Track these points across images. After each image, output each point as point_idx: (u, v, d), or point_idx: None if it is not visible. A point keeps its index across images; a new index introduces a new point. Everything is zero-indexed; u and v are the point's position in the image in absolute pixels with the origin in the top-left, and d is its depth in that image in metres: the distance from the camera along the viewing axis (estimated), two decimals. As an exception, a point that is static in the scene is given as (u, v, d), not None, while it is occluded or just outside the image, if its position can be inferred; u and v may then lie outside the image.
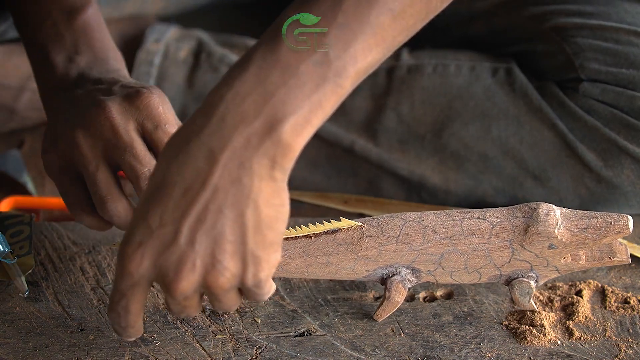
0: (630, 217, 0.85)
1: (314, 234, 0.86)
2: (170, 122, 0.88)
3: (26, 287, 0.91)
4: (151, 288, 0.84)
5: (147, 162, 0.86)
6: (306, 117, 0.72)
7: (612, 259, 0.88)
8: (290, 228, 0.86)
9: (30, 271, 0.92)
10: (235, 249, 0.73)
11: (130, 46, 1.18)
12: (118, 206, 0.86)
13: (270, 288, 0.77)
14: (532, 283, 0.88)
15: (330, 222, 0.86)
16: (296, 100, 0.72)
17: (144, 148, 0.87)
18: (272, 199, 0.73)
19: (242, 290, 0.76)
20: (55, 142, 0.88)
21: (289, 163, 0.73)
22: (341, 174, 1.12)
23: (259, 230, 0.73)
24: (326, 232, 0.86)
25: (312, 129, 0.73)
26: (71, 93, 0.90)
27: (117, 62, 0.94)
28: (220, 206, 0.72)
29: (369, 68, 0.75)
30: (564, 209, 0.86)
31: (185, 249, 0.73)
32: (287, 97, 0.72)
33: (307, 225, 0.86)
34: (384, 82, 1.12)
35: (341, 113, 1.11)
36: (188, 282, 0.73)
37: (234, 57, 1.16)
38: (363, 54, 0.73)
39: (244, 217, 0.72)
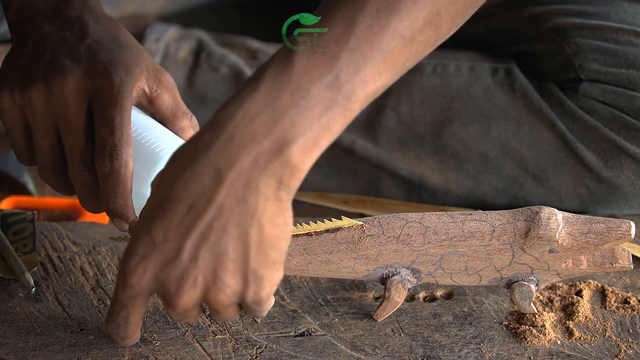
0: (632, 223, 0.85)
1: (315, 232, 0.86)
2: (116, 106, 0.86)
3: (32, 283, 0.91)
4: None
5: (83, 149, 0.86)
6: (314, 139, 0.72)
7: (614, 265, 0.87)
8: (291, 226, 0.86)
9: (34, 269, 0.92)
10: (237, 267, 0.73)
11: (131, 46, 1.17)
12: (57, 178, 0.88)
13: (270, 305, 0.77)
14: (533, 287, 0.87)
15: (331, 220, 0.86)
16: (306, 122, 0.72)
17: (86, 135, 0.87)
18: (276, 218, 0.73)
19: (242, 305, 0.77)
20: (12, 87, 0.87)
21: (296, 184, 0.73)
22: (341, 174, 1.12)
23: (261, 249, 0.73)
24: (327, 231, 0.86)
25: (319, 150, 0.73)
26: (37, 27, 0.89)
27: None
28: (225, 224, 0.72)
29: (377, 92, 0.75)
30: (566, 213, 0.86)
31: (188, 265, 0.73)
32: (296, 119, 0.71)
33: (308, 224, 0.86)
34: (384, 82, 1.12)
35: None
36: (189, 297, 0.74)
37: (233, 57, 1.16)
38: (373, 78, 0.73)
39: (247, 236, 0.73)
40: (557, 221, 0.84)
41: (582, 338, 0.88)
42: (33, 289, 0.91)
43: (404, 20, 0.73)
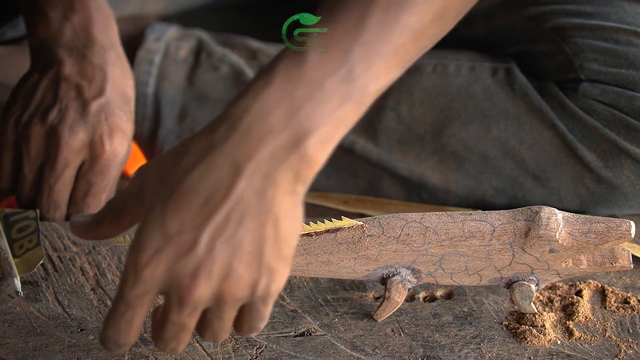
0: (632, 223, 0.85)
1: (315, 232, 0.86)
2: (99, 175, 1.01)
3: (19, 288, 0.90)
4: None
5: (61, 203, 1.02)
6: (330, 132, 0.72)
7: (614, 265, 0.87)
8: (291, 226, 0.86)
9: (41, 262, 0.91)
10: (252, 259, 0.73)
11: (131, 46, 1.17)
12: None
13: (268, 314, 0.76)
14: (533, 287, 0.87)
15: (331, 220, 0.86)
16: (322, 115, 0.72)
17: (66, 193, 1.02)
18: (290, 213, 0.73)
19: (246, 307, 0.76)
20: (20, 114, 1.01)
21: (311, 177, 0.73)
22: (341, 174, 1.12)
23: (276, 243, 0.73)
24: (327, 231, 0.86)
25: (334, 144, 0.73)
26: (59, 63, 1.01)
27: (107, 29, 1.04)
28: (242, 217, 0.72)
29: (386, 86, 0.75)
30: (566, 213, 0.86)
31: (204, 257, 0.72)
32: (313, 112, 0.72)
33: (308, 224, 0.86)
34: (384, 82, 1.12)
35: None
36: (204, 288, 0.73)
37: (234, 57, 1.16)
38: (385, 72, 0.74)
39: (264, 229, 0.72)
40: (557, 221, 0.84)
41: (582, 338, 0.88)
42: (19, 294, 0.90)
43: (414, 15, 0.74)
